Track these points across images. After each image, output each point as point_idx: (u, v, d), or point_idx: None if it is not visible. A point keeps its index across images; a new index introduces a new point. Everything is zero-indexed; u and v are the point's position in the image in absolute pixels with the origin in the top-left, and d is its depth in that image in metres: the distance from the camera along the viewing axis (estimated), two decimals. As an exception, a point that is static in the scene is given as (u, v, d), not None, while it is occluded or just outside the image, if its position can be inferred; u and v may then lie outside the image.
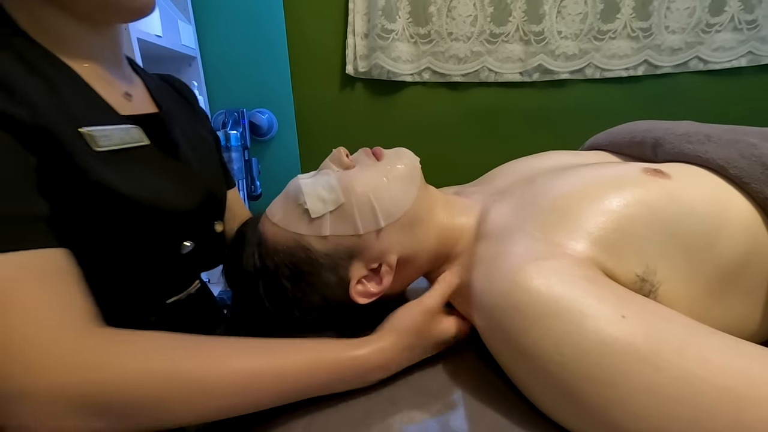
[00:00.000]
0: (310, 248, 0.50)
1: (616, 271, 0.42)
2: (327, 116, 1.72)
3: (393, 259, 0.51)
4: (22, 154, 0.37)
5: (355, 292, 0.51)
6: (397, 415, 0.43)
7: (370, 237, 0.50)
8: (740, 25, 1.64)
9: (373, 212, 0.49)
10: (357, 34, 1.59)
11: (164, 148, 0.53)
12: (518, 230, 0.46)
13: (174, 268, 0.54)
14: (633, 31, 1.64)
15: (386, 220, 0.50)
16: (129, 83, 0.55)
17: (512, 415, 0.41)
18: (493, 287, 0.42)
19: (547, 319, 0.37)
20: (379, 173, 0.52)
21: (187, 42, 1.46)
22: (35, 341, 0.32)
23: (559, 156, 0.65)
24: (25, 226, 0.36)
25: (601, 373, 0.34)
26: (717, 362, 0.32)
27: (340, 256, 0.50)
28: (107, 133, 0.45)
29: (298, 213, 0.51)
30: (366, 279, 0.51)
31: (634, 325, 0.35)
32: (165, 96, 0.62)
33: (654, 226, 0.43)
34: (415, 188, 0.53)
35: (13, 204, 0.35)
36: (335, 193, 0.50)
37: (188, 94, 0.72)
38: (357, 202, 0.49)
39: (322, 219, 0.50)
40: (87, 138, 0.42)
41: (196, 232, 0.54)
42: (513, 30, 1.61)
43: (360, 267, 0.51)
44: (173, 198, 0.50)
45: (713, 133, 0.53)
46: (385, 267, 0.51)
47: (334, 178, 0.51)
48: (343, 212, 0.49)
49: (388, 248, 0.51)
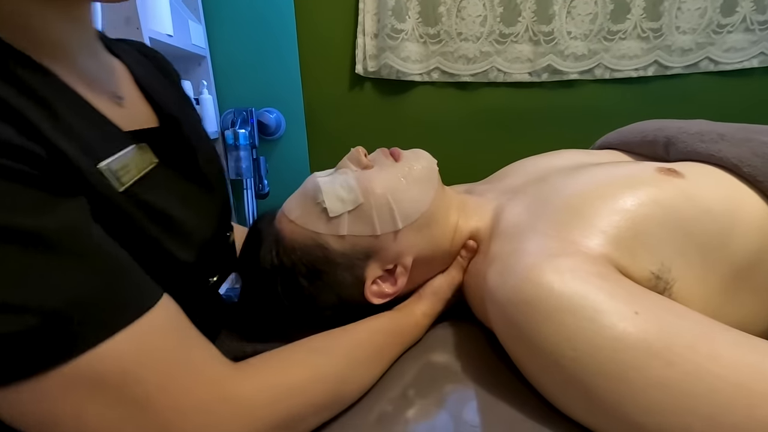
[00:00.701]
0: (328, 247, 0.50)
1: (630, 269, 0.42)
2: (336, 115, 1.72)
3: (409, 260, 0.51)
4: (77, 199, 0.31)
5: (370, 292, 0.51)
6: (410, 408, 0.43)
7: (387, 238, 0.50)
8: (752, 26, 1.63)
9: (391, 213, 0.50)
10: (367, 34, 1.59)
11: (176, 165, 0.46)
12: (532, 229, 0.47)
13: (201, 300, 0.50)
14: (643, 32, 1.63)
15: (404, 222, 0.50)
16: (113, 79, 0.46)
17: (525, 409, 0.41)
18: (507, 284, 0.42)
19: (560, 314, 0.37)
20: (398, 174, 0.52)
21: (197, 42, 1.48)
22: (208, 399, 0.32)
23: (571, 155, 0.65)
24: (135, 282, 0.32)
25: (614, 368, 0.34)
26: (730, 358, 0.33)
27: (357, 256, 0.50)
28: (125, 163, 0.37)
29: (317, 212, 0.51)
30: (381, 279, 0.52)
31: (646, 321, 0.35)
32: (157, 85, 0.53)
33: (668, 225, 0.44)
34: (433, 190, 0.53)
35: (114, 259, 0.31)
36: (354, 193, 0.50)
37: (172, 73, 0.63)
38: (375, 203, 0.50)
39: (340, 218, 0.50)
40: (108, 176, 0.34)
41: (217, 257, 0.51)
42: (522, 30, 1.61)
43: (376, 268, 0.51)
44: (200, 232, 0.45)
45: (726, 132, 0.53)
46: (400, 268, 0.51)
47: (352, 177, 0.51)
48: (361, 212, 0.50)
49: (405, 250, 0.51)
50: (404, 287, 0.53)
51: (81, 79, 0.39)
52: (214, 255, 0.49)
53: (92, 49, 0.44)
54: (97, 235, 0.30)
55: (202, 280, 0.48)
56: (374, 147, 0.59)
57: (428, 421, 0.42)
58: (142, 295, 0.32)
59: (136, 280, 0.32)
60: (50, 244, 0.27)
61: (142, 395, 0.29)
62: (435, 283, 0.56)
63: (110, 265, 0.30)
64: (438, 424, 0.41)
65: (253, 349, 0.50)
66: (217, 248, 0.51)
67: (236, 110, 1.60)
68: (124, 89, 0.46)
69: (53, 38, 0.37)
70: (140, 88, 0.49)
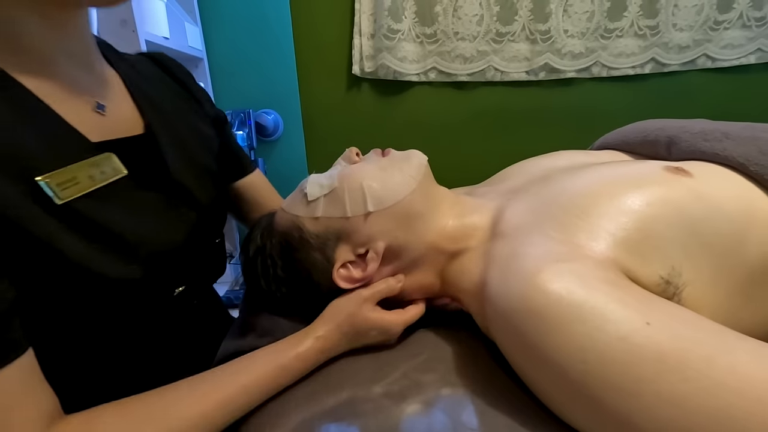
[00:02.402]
0: (303, 228, 0.53)
1: (638, 273, 0.40)
2: (333, 116, 1.72)
3: (380, 246, 0.51)
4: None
5: (338, 275, 0.51)
6: (408, 408, 0.42)
7: (357, 221, 0.51)
8: (749, 22, 1.63)
9: (363, 197, 0.51)
10: (363, 35, 1.59)
11: (146, 175, 0.46)
12: (536, 230, 0.45)
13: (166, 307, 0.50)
14: (640, 29, 1.63)
15: (375, 206, 0.51)
16: (100, 88, 0.46)
17: (524, 412, 0.40)
18: (510, 290, 0.41)
19: (569, 324, 0.36)
20: (378, 165, 0.54)
21: (193, 43, 1.47)
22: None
23: (572, 155, 0.64)
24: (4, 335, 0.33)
25: (626, 381, 0.33)
26: (746, 371, 0.31)
27: (328, 237, 0.52)
28: (72, 176, 0.37)
29: (300, 197, 0.54)
30: (352, 264, 0.52)
31: (659, 332, 0.34)
32: (151, 89, 0.54)
33: (678, 226, 0.42)
34: (415, 182, 0.53)
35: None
36: (332, 179, 0.53)
37: (182, 75, 0.63)
38: (348, 187, 0.52)
39: (317, 202, 0.52)
40: (47, 189, 0.35)
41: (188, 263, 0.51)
42: (519, 29, 1.61)
43: (347, 251, 0.52)
44: (157, 239, 0.45)
45: (730, 131, 0.52)
46: (371, 253, 0.51)
47: (337, 169, 0.55)
48: (335, 195, 0.52)
49: (376, 234, 0.51)
50: (377, 276, 0.52)
51: (58, 88, 0.40)
52: (176, 266, 0.48)
53: (81, 59, 0.44)
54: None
55: (160, 293, 0.47)
56: (372, 147, 0.60)
57: (426, 418, 0.41)
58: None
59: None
60: None
61: None
62: (338, 301, 0.52)
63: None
64: (435, 423, 0.41)
65: (249, 345, 0.51)
66: (186, 258, 0.50)
67: (234, 112, 1.59)
68: (111, 98, 0.47)
69: (34, 45, 0.37)
70: (132, 96, 0.50)
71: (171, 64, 0.62)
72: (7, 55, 0.35)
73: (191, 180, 0.52)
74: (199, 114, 0.63)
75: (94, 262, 0.38)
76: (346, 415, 0.42)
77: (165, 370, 0.52)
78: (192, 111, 0.61)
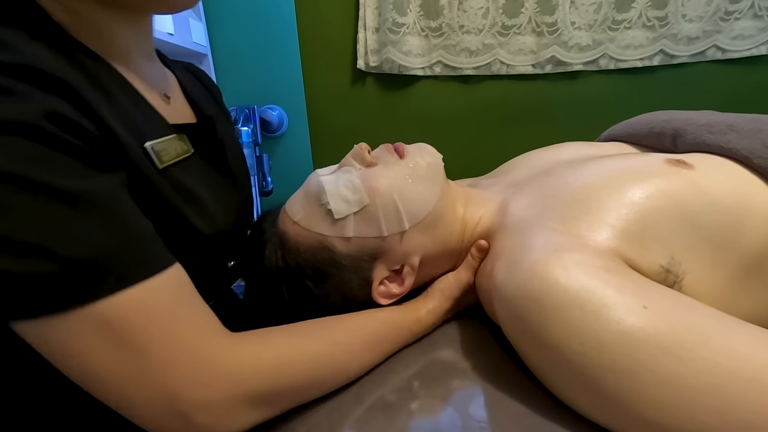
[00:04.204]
0: (333, 249, 0.50)
1: (639, 262, 0.41)
2: (338, 111, 1.71)
3: (416, 260, 0.51)
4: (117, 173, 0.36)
5: (378, 293, 0.51)
6: (416, 401, 0.43)
7: (394, 239, 0.50)
8: (760, 12, 1.59)
9: (398, 214, 0.49)
10: (368, 29, 1.58)
11: (208, 157, 0.51)
12: (538, 223, 0.46)
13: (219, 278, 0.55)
14: (648, 21, 1.60)
15: (411, 222, 0.50)
16: (164, 82, 0.52)
17: (532, 405, 0.41)
18: (514, 279, 0.42)
19: (567, 309, 0.37)
20: (403, 172, 0.52)
21: (198, 39, 1.47)
22: (199, 357, 0.36)
23: (577, 147, 0.64)
24: (153, 247, 0.36)
25: (622, 363, 0.34)
26: (742, 352, 0.32)
27: (363, 258, 0.50)
28: (165, 146, 0.43)
29: (321, 213, 0.50)
30: (388, 280, 0.52)
31: (655, 316, 0.34)
32: (198, 93, 0.59)
33: (678, 218, 0.43)
34: (439, 187, 0.52)
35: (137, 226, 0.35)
36: (359, 194, 0.49)
37: (213, 89, 0.69)
38: (381, 203, 0.49)
39: (345, 220, 0.49)
40: (151, 154, 0.41)
41: (235, 246, 0.55)
42: (525, 22, 1.59)
43: (383, 269, 0.51)
44: (221, 218, 0.49)
45: (736, 123, 0.52)
46: (407, 268, 0.51)
47: (356, 177, 0.51)
48: (367, 213, 0.49)
49: (412, 250, 0.51)
50: (412, 286, 0.53)
51: (139, 78, 0.46)
52: (232, 243, 0.53)
53: (150, 55, 0.50)
54: (127, 204, 0.35)
55: (222, 261, 0.53)
56: (377, 142, 0.58)
57: (434, 415, 0.41)
58: (158, 260, 0.36)
59: (154, 246, 0.36)
60: (88, 205, 0.32)
61: (143, 344, 0.33)
62: (443, 281, 0.55)
63: (134, 229, 0.35)
64: (444, 418, 0.41)
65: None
66: (236, 238, 0.54)
67: (238, 108, 1.59)
68: (172, 91, 0.53)
69: (120, 43, 0.44)
70: (185, 93, 0.56)
71: (205, 78, 0.69)
72: (102, 49, 0.40)
73: (240, 171, 0.58)
74: (229, 122, 0.69)
75: (193, 218, 0.43)
76: (356, 410, 0.43)
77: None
78: (224, 117, 0.67)
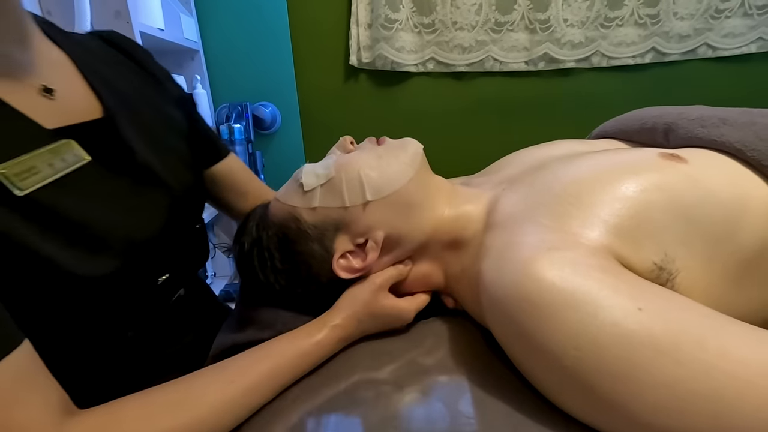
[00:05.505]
0: (300, 219, 0.52)
1: (632, 260, 0.40)
2: (331, 108, 1.71)
3: (379, 235, 0.51)
4: None
5: (338, 265, 0.51)
6: (405, 396, 0.43)
7: (356, 210, 0.51)
8: (750, 11, 1.61)
9: (361, 186, 0.50)
10: (360, 25, 1.57)
11: (111, 161, 0.43)
12: (529, 219, 0.45)
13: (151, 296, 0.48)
14: (640, 18, 1.61)
15: (373, 195, 0.50)
16: (45, 69, 0.42)
17: (521, 401, 0.40)
18: (504, 279, 0.41)
19: (562, 311, 0.36)
20: (375, 154, 0.53)
21: (189, 35, 1.45)
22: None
23: (569, 144, 0.64)
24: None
25: (619, 367, 0.33)
26: (738, 354, 0.31)
27: (327, 228, 0.51)
28: (30, 165, 0.34)
29: (295, 187, 0.53)
30: (351, 254, 0.52)
31: (651, 318, 0.34)
32: (107, 69, 0.50)
33: (672, 212, 0.42)
34: (412, 170, 0.53)
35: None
36: (328, 169, 0.52)
37: (139, 54, 0.58)
38: (346, 176, 0.51)
39: (313, 192, 0.52)
40: (4, 181, 0.32)
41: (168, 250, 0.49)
42: (518, 18, 1.59)
43: (345, 241, 0.52)
44: (130, 227, 0.42)
45: (728, 116, 0.51)
46: (371, 243, 0.51)
47: (332, 158, 0.54)
48: (332, 185, 0.51)
49: (375, 224, 0.51)
50: (377, 266, 0.52)
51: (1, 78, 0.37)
52: (156, 253, 0.47)
53: (20, 40, 0.40)
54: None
55: (143, 282, 0.46)
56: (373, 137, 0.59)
57: (424, 407, 0.41)
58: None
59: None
60: None
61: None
62: (352, 290, 0.52)
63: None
64: (434, 411, 0.41)
65: (248, 339, 0.50)
66: (166, 245, 0.48)
67: (231, 105, 1.58)
68: (61, 81, 0.43)
69: None
70: (85, 78, 0.47)
71: (126, 43, 0.58)
72: None
73: (159, 163, 0.49)
74: (162, 95, 0.58)
75: (62, 258, 0.36)
76: (345, 405, 0.42)
77: (158, 364, 0.51)
78: (154, 92, 0.57)
